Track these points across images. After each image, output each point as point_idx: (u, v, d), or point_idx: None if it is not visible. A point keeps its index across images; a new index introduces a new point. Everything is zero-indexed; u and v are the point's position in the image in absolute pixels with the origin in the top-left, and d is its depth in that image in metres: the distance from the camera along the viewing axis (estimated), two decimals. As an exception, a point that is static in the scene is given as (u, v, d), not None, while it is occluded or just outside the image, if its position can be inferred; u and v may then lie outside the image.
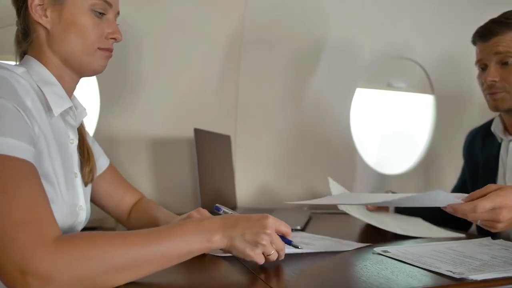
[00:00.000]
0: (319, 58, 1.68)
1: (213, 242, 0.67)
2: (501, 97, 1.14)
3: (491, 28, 1.14)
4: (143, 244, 0.62)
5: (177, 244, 0.64)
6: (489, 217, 0.80)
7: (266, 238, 0.69)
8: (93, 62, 0.84)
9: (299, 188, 1.71)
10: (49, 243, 0.57)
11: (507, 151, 1.20)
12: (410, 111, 2.01)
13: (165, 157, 1.49)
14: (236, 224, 0.69)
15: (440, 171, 1.94)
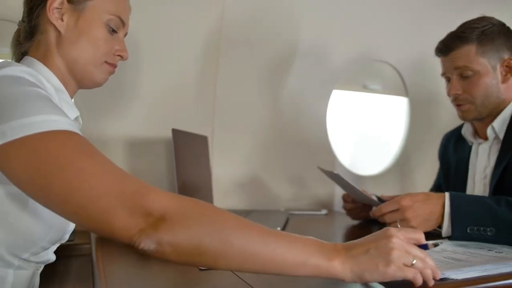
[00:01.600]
0: (296, 59, 1.68)
1: (333, 266, 0.58)
2: (466, 109, 1.18)
3: (447, 43, 1.18)
4: (263, 236, 0.57)
5: (297, 255, 0.57)
6: (399, 217, 0.97)
7: (396, 246, 0.59)
8: (97, 74, 0.84)
9: (277, 189, 1.71)
10: (159, 191, 0.57)
11: (476, 154, 1.24)
12: (385, 113, 2.05)
13: (141, 157, 1.46)
14: (358, 244, 0.61)
15: (413, 173, 1.98)
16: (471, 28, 1.15)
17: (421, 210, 0.95)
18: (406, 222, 0.96)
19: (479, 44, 1.13)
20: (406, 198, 0.97)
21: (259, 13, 1.59)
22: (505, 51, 1.15)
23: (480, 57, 1.13)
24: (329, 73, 1.77)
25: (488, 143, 1.19)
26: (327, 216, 1.55)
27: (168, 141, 1.49)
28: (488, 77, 1.14)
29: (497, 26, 1.16)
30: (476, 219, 0.90)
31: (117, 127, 1.42)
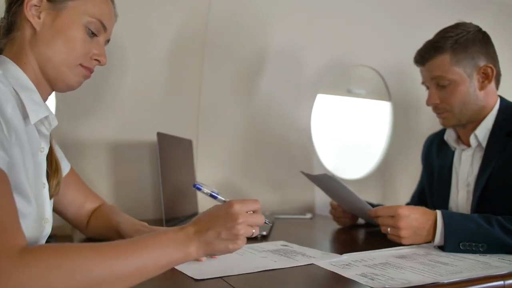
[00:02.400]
0: (278, 64, 1.68)
1: (190, 253, 0.66)
2: (445, 117, 1.20)
3: (423, 53, 1.19)
4: (121, 256, 0.58)
5: (155, 256, 0.62)
6: (391, 223, 0.98)
7: (242, 227, 0.68)
8: (70, 76, 0.82)
9: (261, 193, 1.70)
10: (13, 254, 0.52)
11: (459, 160, 1.24)
12: (368, 117, 2.06)
13: (124, 161, 1.44)
14: (208, 227, 0.67)
15: (395, 177, 2.00)
16: (445, 38, 1.15)
17: (415, 223, 0.96)
18: (397, 230, 0.97)
19: (453, 54, 1.13)
20: (404, 208, 0.97)
21: (243, 18, 1.58)
22: (480, 58, 1.15)
23: (454, 66, 1.14)
24: (312, 78, 1.78)
25: (471, 150, 1.20)
26: (312, 220, 1.55)
27: (152, 144, 1.47)
28: (464, 85, 1.14)
29: (472, 33, 1.15)
30: (468, 236, 0.91)
31: (98, 131, 1.40)
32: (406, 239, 0.96)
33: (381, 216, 1.02)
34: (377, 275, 0.72)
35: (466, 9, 1.84)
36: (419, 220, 0.96)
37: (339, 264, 0.81)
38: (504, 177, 1.08)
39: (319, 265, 0.80)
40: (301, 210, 1.74)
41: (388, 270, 0.75)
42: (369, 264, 0.80)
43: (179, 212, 1.30)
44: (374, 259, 0.84)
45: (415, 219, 0.96)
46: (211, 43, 1.54)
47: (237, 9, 1.56)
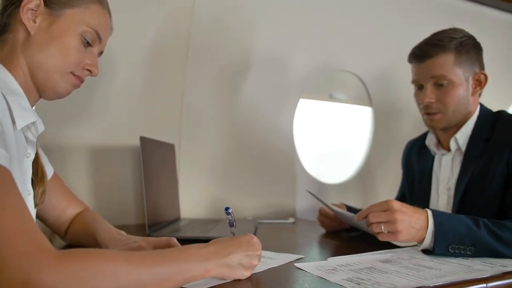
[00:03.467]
0: (263, 68, 1.69)
1: (209, 271, 0.68)
2: (438, 118, 1.19)
3: (425, 50, 1.17)
4: (148, 265, 0.60)
5: (179, 269, 0.64)
6: (386, 218, 0.91)
7: (259, 259, 0.75)
8: (60, 83, 0.81)
9: (243, 196, 1.70)
10: (53, 253, 0.52)
11: (440, 164, 1.26)
12: (350, 122, 2.08)
13: (105, 166, 1.41)
14: (231, 251, 0.71)
15: (376, 181, 2.02)
16: (450, 38, 1.15)
17: (409, 216, 0.91)
18: (393, 224, 0.91)
19: (457, 54, 1.14)
20: (395, 201, 0.93)
21: (227, 21, 1.58)
22: (476, 65, 1.18)
23: (457, 67, 1.14)
24: (294, 83, 1.79)
25: (451, 155, 1.22)
26: (294, 225, 1.56)
27: (134, 149, 1.45)
28: (461, 88, 1.16)
29: (472, 39, 1.18)
30: (457, 239, 0.90)
31: (80, 135, 1.37)
32: (402, 233, 0.90)
33: (373, 212, 0.95)
34: (363, 280, 0.72)
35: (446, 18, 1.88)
36: (412, 214, 0.92)
37: (324, 268, 0.81)
38: (482, 182, 1.11)
39: (305, 270, 0.81)
40: (283, 215, 1.74)
41: (373, 274, 0.76)
42: (354, 269, 0.81)
43: (162, 217, 1.29)
44: (359, 264, 0.85)
45: (407, 212, 0.91)
46: (194, 46, 1.53)
47: (221, 12, 1.56)
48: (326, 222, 1.32)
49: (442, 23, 1.29)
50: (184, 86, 1.55)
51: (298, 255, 0.93)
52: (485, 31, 1.20)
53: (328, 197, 1.86)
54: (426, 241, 0.92)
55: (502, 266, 0.82)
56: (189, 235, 1.09)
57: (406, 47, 1.28)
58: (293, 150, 1.81)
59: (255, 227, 1.32)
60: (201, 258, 0.67)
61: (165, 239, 0.85)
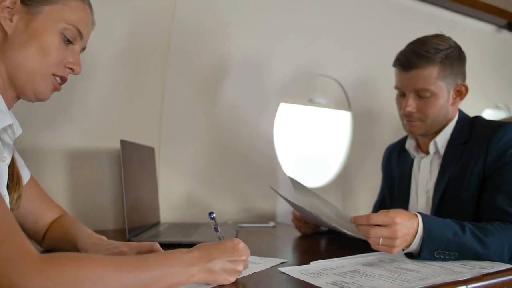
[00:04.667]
0: (243, 71, 1.69)
1: (193, 276, 0.67)
2: (417, 125, 1.21)
3: (411, 60, 1.16)
4: (133, 270, 0.59)
5: (163, 274, 0.63)
6: (388, 234, 0.88)
7: (243, 265, 0.73)
8: (40, 86, 0.78)
9: (225, 201, 1.69)
10: (36, 258, 0.51)
11: (419, 168, 1.29)
12: (329, 126, 2.10)
13: (83, 169, 1.38)
14: (215, 256, 0.70)
15: (355, 185, 2.04)
16: (436, 49, 1.15)
17: (406, 229, 0.89)
18: (392, 240, 0.88)
19: (441, 68, 1.15)
20: (398, 215, 0.89)
21: (208, 25, 1.58)
22: (459, 76, 1.19)
23: (440, 80, 1.15)
24: (275, 87, 1.79)
25: (430, 158, 1.25)
26: (275, 228, 1.56)
27: (113, 152, 1.43)
28: (443, 99, 1.17)
29: (458, 50, 1.19)
30: (444, 245, 0.91)
31: (56, 138, 1.34)
32: (398, 248, 0.89)
33: (375, 227, 0.89)
34: (348, 283, 0.72)
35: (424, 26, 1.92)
36: (408, 225, 0.90)
37: (309, 272, 0.81)
38: (460, 184, 1.14)
39: (290, 274, 0.80)
40: (263, 219, 1.74)
41: (357, 278, 0.77)
42: (338, 272, 0.81)
43: (142, 221, 1.27)
44: (342, 267, 0.85)
45: (406, 226, 0.89)
46: (174, 49, 1.52)
47: (202, 16, 1.56)
48: (301, 226, 1.33)
49: (419, 30, 1.32)
50: (164, 89, 1.54)
51: (281, 259, 0.93)
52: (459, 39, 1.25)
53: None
54: (413, 246, 0.92)
55: (481, 268, 0.84)
56: (171, 240, 1.07)
57: (385, 53, 1.31)
58: (273, 153, 1.82)
59: (236, 231, 1.31)
60: (185, 264, 0.66)
61: (147, 244, 0.84)
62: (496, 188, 1.07)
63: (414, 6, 1.95)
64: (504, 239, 0.96)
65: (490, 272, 0.81)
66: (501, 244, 0.95)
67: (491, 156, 1.10)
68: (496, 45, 2.33)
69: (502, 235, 0.96)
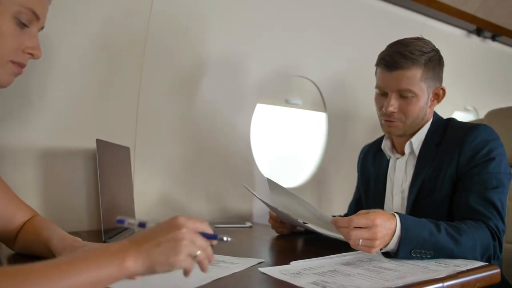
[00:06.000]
0: (220, 71, 1.68)
1: (126, 267, 0.57)
2: (396, 126, 1.22)
3: (396, 60, 1.16)
4: (51, 278, 0.52)
5: (86, 275, 0.55)
6: (368, 235, 0.89)
7: (186, 237, 0.60)
8: (0, 74, 0.74)
9: (201, 201, 1.68)
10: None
11: (394, 168, 1.31)
12: (305, 127, 2.12)
13: (55, 169, 1.34)
14: (147, 237, 0.60)
15: (330, 185, 2.06)
16: (421, 52, 1.16)
17: (386, 230, 0.90)
18: (372, 241, 0.89)
19: (424, 70, 1.17)
20: (378, 217, 0.90)
21: (184, 24, 1.56)
22: (437, 80, 1.22)
23: (422, 82, 1.17)
24: (251, 87, 1.79)
25: (405, 158, 1.28)
26: (252, 228, 1.55)
27: (86, 151, 1.39)
28: (423, 101, 1.19)
29: (438, 54, 1.21)
30: (420, 244, 0.93)
31: (27, 136, 1.30)
32: (377, 248, 0.91)
33: (355, 229, 0.89)
34: (328, 283, 0.73)
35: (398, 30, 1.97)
36: (387, 226, 0.91)
37: (289, 272, 0.81)
38: (434, 184, 1.17)
39: (270, 274, 0.80)
40: (240, 219, 1.73)
41: (337, 277, 0.77)
42: (318, 272, 0.81)
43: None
44: (322, 267, 0.86)
45: (386, 227, 0.90)
46: (151, 48, 1.50)
47: (179, 15, 1.54)
48: (277, 226, 1.34)
49: (394, 34, 1.34)
50: (140, 88, 1.51)
51: (259, 259, 0.93)
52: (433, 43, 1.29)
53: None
54: (391, 245, 0.93)
55: (455, 266, 0.86)
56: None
57: (360, 55, 1.33)
58: (250, 153, 1.82)
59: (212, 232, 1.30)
60: (113, 254, 0.58)
61: None
62: (469, 189, 1.11)
63: (389, 10, 1.99)
64: (477, 238, 0.99)
65: (464, 270, 0.84)
66: (474, 242, 0.98)
67: (463, 158, 1.13)
68: (465, 49, 2.40)
69: (475, 234, 0.99)
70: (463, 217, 1.06)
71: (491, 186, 1.09)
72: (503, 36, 2.38)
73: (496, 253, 1.03)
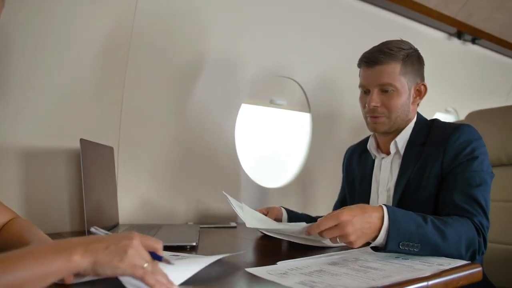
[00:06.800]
0: (206, 71, 1.67)
1: (73, 261, 0.58)
2: (382, 121, 1.26)
3: (376, 56, 1.23)
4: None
5: (31, 269, 0.55)
6: (338, 232, 0.92)
7: (133, 245, 0.62)
8: None
9: (185, 202, 1.67)
10: None
11: (379, 168, 1.34)
12: (290, 128, 2.12)
13: (37, 169, 1.32)
14: (99, 240, 0.62)
15: (315, 185, 2.08)
16: (399, 48, 1.22)
17: (360, 224, 0.92)
18: (345, 237, 0.92)
19: (403, 65, 1.22)
20: (344, 213, 0.92)
21: (169, 22, 1.55)
22: (418, 76, 1.27)
23: (402, 76, 1.22)
24: (237, 88, 1.79)
25: (390, 158, 1.30)
26: (236, 229, 1.55)
27: (69, 151, 1.37)
28: (404, 96, 1.24)
29: (417, 52, 1.27)
30: (408, 236, 0.95)
31: (7, 136, 1.27)
32: (357, 242, 0.93)
33: (325, 230, 0.93)
34: (316, 283, 0.73)
35: (381, 32, 1.99)
36: (363, 220, 0.93)
37: (276, 273, 0.81)
38: (419, 183, 1.19)
39: (256, 274, 0.80)
40: (225, 219, 1.73)
41: (324, 277, 0.78)
42: (305, 272, 0.82)
43: (101, 223, 1.22)
44: (308, 267, 0.86)
45: (358, 221, 0.92)
46: (135, 47, 1.48)
47: (164, 13, 1.53)
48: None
49: (377, 36, 1.37)
50: (124, 87, 1.50)
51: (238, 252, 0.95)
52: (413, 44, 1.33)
53: (270, 201, 1.88)
54: (380, 239, 0.95)
55: (439, 265, 0.88)
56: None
57: (344, 57, 1.35)
58: (235, 154, 1.81)
59: (198, 232, 1.30)
60: (60, 248, 0.59)
61: None
62: (453, 187, 1.14)
63: (373, 12, 2.01)
64: (462, 231, 1.02)
65: (448, 268, 0.85)
66: (459, 236, 1.01)
67: (448, 156, 1.16)
68: (446, 52, 2.45)
69: (460, 228, 1.02)
70: (448, 215, 1.09)
71: (475, 184, 1.12)
72: (482, 39, 2.43)
73: (481, 248, 1.06)
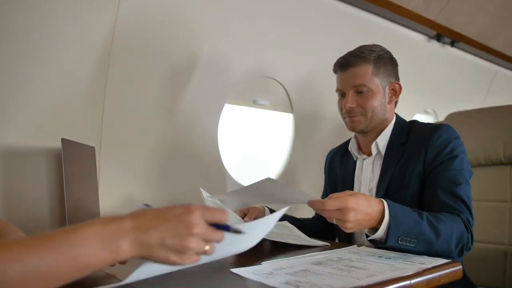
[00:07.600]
0: (189, 71, 1.66)
1: (120, 252, 0.53)
2: (358, 120, 1.30)
3: (348, 60, 1.29)
4: (38, 254, 0.48)
5: (70, 256, 0.50)
6: (338, 216, 0.93)
7: (194, 240, 0.56)
8: None
9: (169, 202, 1.65)
10: None
11: (361, 169, 1.36)
12: (273, 128, 2.13)
13: (17, 171, 1.29)
14: (152, 227, 0.55)
15: (298, 185, 2.09)
16: (370, 51, 1.28)
17: (361, 215, 0.93)
18: (343, 222, 0.93)
19: (375, 66, 1.27)
20: (351, 200, 0.92)
21: (154, 22, 1.53)
22: (392, 76, 1.32)
23: (374, 77, 1.27)
24: (220, 88, 1.79)
25: (371, 158, 1.33)
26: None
27: (48, 151, 1.35)
28: (379, 95, 1.29)
29: (388, 54, 1.33)
30: (407, 232, 0.97)
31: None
32: (351, 229, 0.95)
33: (328, 209, 0.93)
34: (301, 282, 0.74)
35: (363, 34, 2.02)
36: (365, 211, 0.94)
37: (261, 273, 0.82)
38: (401, 182, 1.22)
39: (241, 275, 0.80)
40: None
41: (309, 277, 0.78)
42: (290, 272, 0.82)
43: (82, 225, 1.20)
44: (293, 267, 0.87)
45: (361, 211, 0.93)
46: (118, 45, 1.46)
47: (148, 11, 1.51)
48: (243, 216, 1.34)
49: (359, 38, 1.41)
50: (106, 86, 1.47)
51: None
52: (394, 46, 1.37)
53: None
54: (380, 233, 0.97)
55: (421, 264, 0.89)
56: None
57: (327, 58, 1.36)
58: (218, 154, 1.81)
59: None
60: (107, 236, 0.53)
61: None
62: (436, 185, 1.17)
63: (355, 14, 2.02)
64: (453, 227, 1.05)
65: (429, 267, 0.87)
66: (451, 232, 1.04)
67: (430, 155, 1.20)
68: (426, 54, 2.49)
69: (452, 224, 1.06)
70: (436, 212, 1.11)
71: (458, 182, 1.16)
72: (461, 42, 2.48)
73: (469, 244, 1.10)
